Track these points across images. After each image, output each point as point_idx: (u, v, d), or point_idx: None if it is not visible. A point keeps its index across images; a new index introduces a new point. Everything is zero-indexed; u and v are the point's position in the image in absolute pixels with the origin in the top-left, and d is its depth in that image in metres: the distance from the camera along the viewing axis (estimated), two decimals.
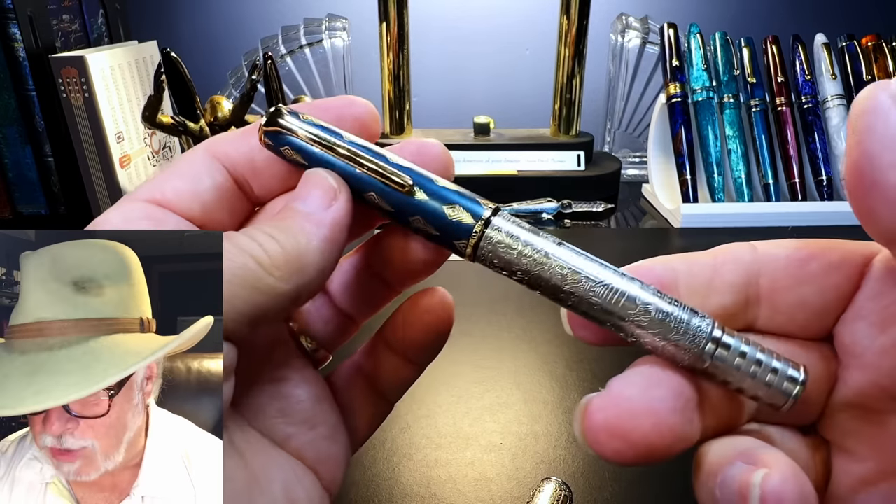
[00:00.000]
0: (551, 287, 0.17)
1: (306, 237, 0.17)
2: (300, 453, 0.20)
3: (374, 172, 0.18)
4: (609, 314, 0.17)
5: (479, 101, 0.94)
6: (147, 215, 0.18)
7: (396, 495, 0.30)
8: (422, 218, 0.18)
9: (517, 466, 0.32)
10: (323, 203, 0.18)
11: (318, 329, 0.21)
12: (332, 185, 0.18)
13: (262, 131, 0.18)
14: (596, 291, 0.17)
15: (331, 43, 0.78)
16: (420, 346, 0.21)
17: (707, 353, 0.16)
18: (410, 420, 0.35)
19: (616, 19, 0.81)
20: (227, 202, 0.19)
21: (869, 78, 0.67)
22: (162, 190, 0.19)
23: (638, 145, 0.85)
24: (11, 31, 0.59)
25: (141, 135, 0.69)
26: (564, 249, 0.17)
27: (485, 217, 0.18)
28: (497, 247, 0.17)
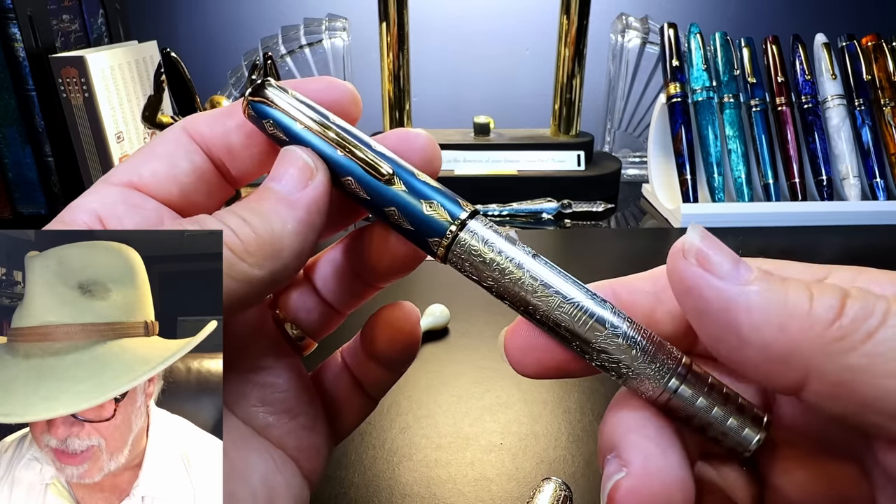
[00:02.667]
0: (519, 298, 0.17)
1: (281, 220, 0.16)
2: (281, 442, 0.20)
3: (354, 157, 0.17)
4: (574, 335, 0.16)
5: (479, 101, 0.94)
6: (124, 200, 0.18)
7: (396, 495, 0.30)
8: (397, 210, 0.17)
9: (517, 466, 0.32)
10: (299, 183, 0.17)
11: (303, 318, 0.21)
12: (309, 164, 0.17)
13: (247, 101, 0.18)
14: (565, 309, 0.16)
15: (331, 43, 0.78)
16: (388, 357, 0.21)
17: (670, 387, 0.15)
18: (410, 420, 0.35)
19: (616, 19, 0.81)
20: (204, 185, 0.19)
21: (869, 78, 0.67)
22: (139, 173, 0.18)
23: (638, 145, 0.85)
24: (11, 31, 0.59)
25: (141, 135, 0.69)
26: (538, 262, 0.17)
27: (461, 218, 0.17)
28: (470, 250, 0.17)
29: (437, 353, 0.41)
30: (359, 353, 0.22)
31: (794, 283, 0.14)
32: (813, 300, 0.13)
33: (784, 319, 0.13)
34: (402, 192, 0.17)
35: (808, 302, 0.13)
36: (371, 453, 0.32)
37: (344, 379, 0.22)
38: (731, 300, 0.14)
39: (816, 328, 0.13)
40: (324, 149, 0.18)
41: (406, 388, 0.38)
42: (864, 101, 0.67)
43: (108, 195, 0.18)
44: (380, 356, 0.21)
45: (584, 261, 0.56)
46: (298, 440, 0.20)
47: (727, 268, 0.14)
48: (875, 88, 0.67)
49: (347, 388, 0.22)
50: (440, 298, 0.45)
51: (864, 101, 0.67)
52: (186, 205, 0.19)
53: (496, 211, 0.68)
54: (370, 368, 0.22)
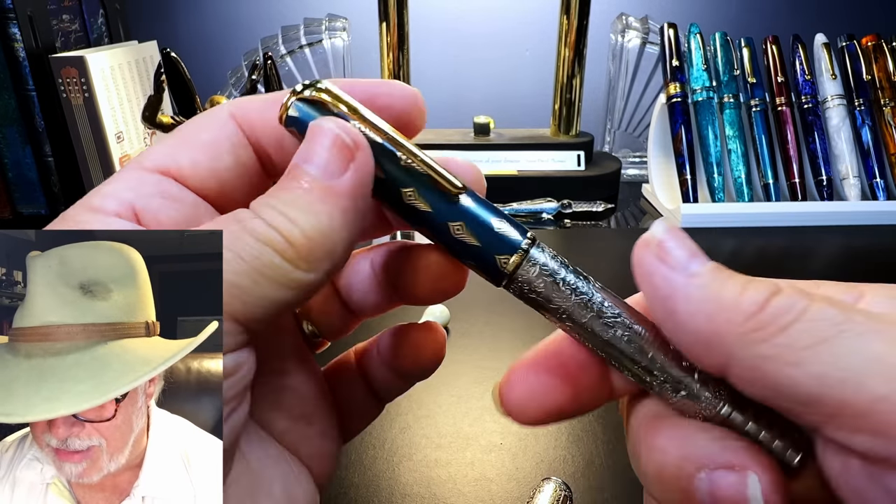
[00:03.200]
0: (586, 321, 0.16)
1: (328, 215, 0.15)
2: (296, 448, 0.19)
3: (426, 166, 0.16)
4: (635, 363, 0.16)
5: (479, 101, 0.94)
6: (161, 191, 0.16)
7: (396, 495, 0.30)
8: (465, 225, 0.16)
9: (517, 466, 0.32)
10: (339, 165, 0.15)
11: (320, 318, 0.20)
12: (347, 142, 0.15)
13: (291, 101, 0.16)
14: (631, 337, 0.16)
15: (331, 43, 0.78)
16: (408, 372, 0.20)
17: (723, 413, 0.16)
18: (410, 420, 0.35)
19: (616, 19, 0.81)
20: (246, 180, 0.17)
21: (869, 78, 0.67)
22: (177, 161, 0.17)
23: (638, 145, 0.85)
24: (11, 31, 0.59)
25: (141, 135, 0.69)
26: (599, 285, 0.17)
27: (530, 238, 0.16)
28: (542, 269, 0.16)
29: None
30: (375, 359, 0.21)
31: (734, 279, 0.15)
32: (742, 294, 0.14)
33: (713, 309, 0.15)
34: (471, 207, 0.16)
35: (738, 296, 0.14)
36: (371, 453, 0.32)
37: (357, 384, 0.21)
38: (674, 289, 0.15)
39: (738, 319, 0.14)
40: (389, 156, 0.16)
41: None
42: (864, 101, 0.67)
43: (144, 183, 0.16)
44: (401, 371, 0.20)
45: (585, 261, 0.56)
46: (311, 447, 0.19)
47: (681, 260, 0.15)
48: (875, 88, 0.67)
49: (360, 393, 0.21)
50: None
51: (864, 101, 0.67)
52: (223, 200, 0.17)
53: None
54: (386, 376, 0.21)
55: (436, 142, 0.74)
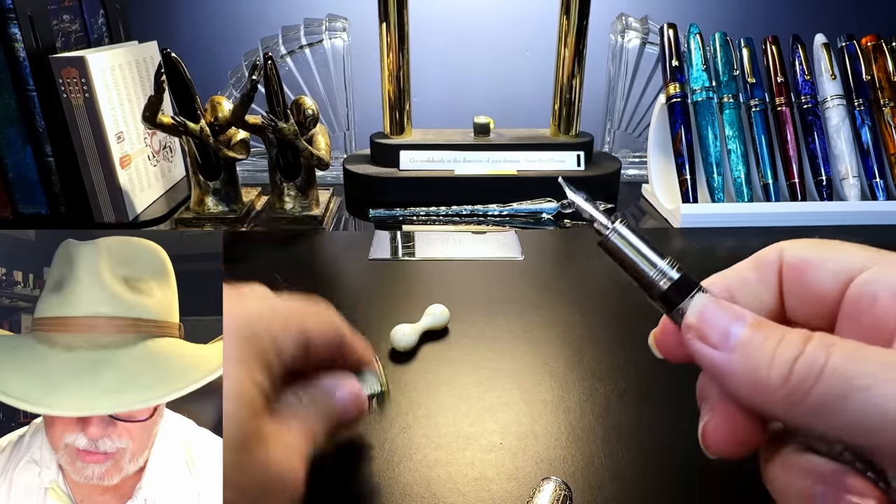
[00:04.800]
0: None
1: None
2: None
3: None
4: None
5: (479, 101, 0.94)
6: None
7: (396, 495, 0.30)
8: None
9: (517, 466, 0.32)
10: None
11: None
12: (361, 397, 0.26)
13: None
14: None
15: (331, 43, 0.78)
16: None
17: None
18: (410, 420, 0.35)
19: (616, 19, 0.81)
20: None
21: (868, 78, 0.67)
22: None
23: (638, 145, 0.85)
24: (11, 31, 0.59)
25: (141, 135, 0.69)
26: None
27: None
28: None
29: (437, 353, 0.41)
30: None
31: (768, 342, 0.18)
32: (773, 362, 0.17)
33: (752, 383, 0.18)
34: None
35: (770, 365, 0.17)
36: (371, 453, 0.32)
37: None
38: (718, 367, 0.19)
39: (772, 391, 0.17)
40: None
41: (406, 388, 0.38)
42: (863, 101, 0.67)
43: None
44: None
45: (585, 261, 0.56)
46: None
47: (720, 337, 0.19)
48: (875, 88, 0.68)
49: None
50: (440, 298, 0.45)
51: (864, 102, 0.67)
52: None
53: (496, 211, 0.68)
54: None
55: (436, 142, 0.74)
